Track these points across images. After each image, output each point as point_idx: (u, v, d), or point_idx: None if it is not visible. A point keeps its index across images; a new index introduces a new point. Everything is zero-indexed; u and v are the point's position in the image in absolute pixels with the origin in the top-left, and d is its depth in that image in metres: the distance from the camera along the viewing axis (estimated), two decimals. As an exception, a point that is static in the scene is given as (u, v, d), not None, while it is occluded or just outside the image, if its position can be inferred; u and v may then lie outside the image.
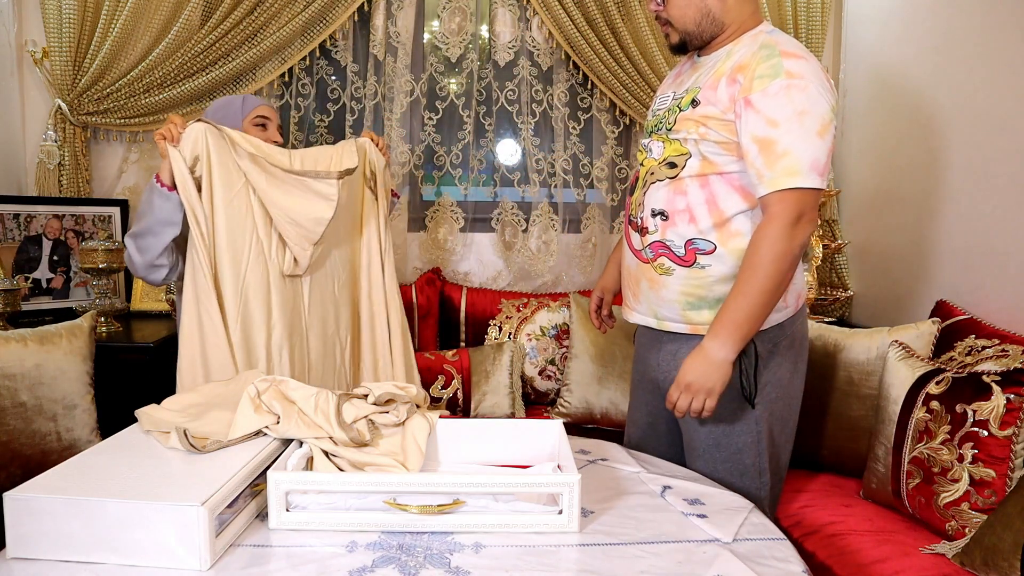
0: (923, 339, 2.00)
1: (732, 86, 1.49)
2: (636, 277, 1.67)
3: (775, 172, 1.43)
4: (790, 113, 1.42)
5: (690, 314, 1.59)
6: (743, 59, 1.51)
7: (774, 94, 1.43)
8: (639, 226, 1.63)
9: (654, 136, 1.65)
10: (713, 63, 1.59)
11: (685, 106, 1.57)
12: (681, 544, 1.15)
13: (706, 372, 1.48)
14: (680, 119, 1.57)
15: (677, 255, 1.58)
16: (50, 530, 1.03)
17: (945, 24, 2.34)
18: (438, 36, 2.84)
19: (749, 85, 1.46)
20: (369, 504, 1.17)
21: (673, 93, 1.66)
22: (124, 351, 2.31)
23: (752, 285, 1.45)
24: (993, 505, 1.53)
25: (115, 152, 2.82)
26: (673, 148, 1.58)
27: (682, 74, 1.70)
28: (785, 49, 1.48)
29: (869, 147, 2.77)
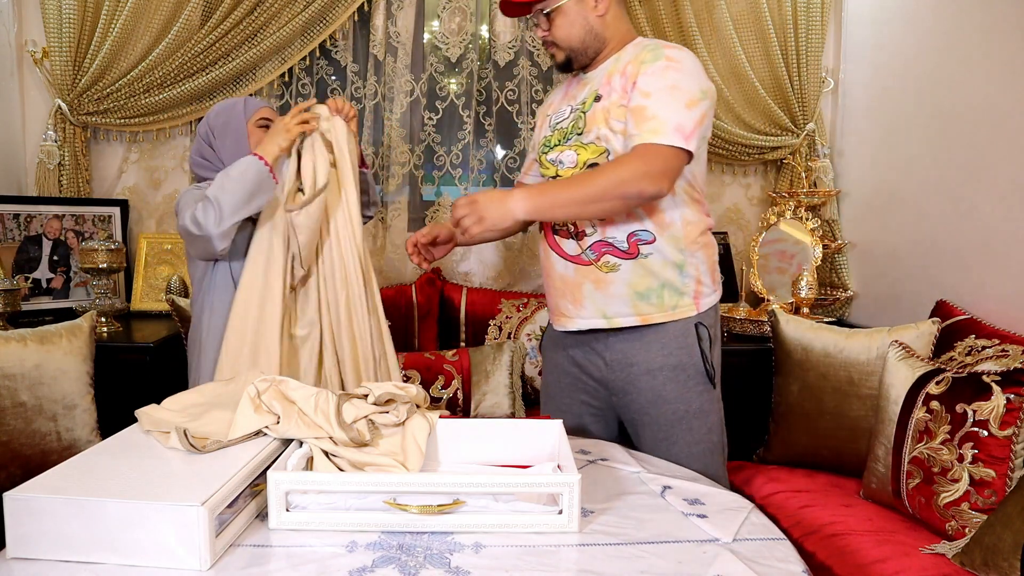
0: (923, 339, 2.00)
1: (623, 78, 1.64)
2: (574, 283, 1.71)
3: (641, 131, 1.56)
4: (662, 86, 1.58)
5: (640, 305, 1.68)
6: (631, 58, 1.67)
7: (651, 73, 1.59)
8: (572, 233, 1.70)
9: (560, 148, 1.73)
10: (602, 72, 1.71)
11: (588, 107, 1.69)
12: (681, 544, 1.15)
13: (494, 206, 1.57)
14: (588, 119, 1.68)
15: (621, 250, 1.66)
16: (50, 530, 1.03)
17: (945, 24, 2.34)
18: (438, 36, 2.84)
19: (636, 71, 1.62)
20: (369, 504, 1.17)
21: (570, 107, 1.76)
22: (124, 351, 2.31)
23: (581, 183, 1.57)
24: (993, 505, 1.53)
25: (115, 152, 2.82)
26: (590, 151, 1.67)
27: (571, 90, 1.80)
28: (666, 44, 1.67)
29: (869, 147, 2.77)
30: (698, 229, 1.71)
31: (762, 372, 2.34)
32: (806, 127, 2.90)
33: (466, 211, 1.57)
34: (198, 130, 1.87)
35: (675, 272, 1.68)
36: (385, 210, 2.89)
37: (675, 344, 1.69)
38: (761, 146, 2.92)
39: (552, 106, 1.84)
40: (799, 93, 2.87)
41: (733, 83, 2.87)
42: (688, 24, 2.77)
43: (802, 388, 2.12)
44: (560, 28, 1.69)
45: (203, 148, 1.84)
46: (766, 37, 2.81)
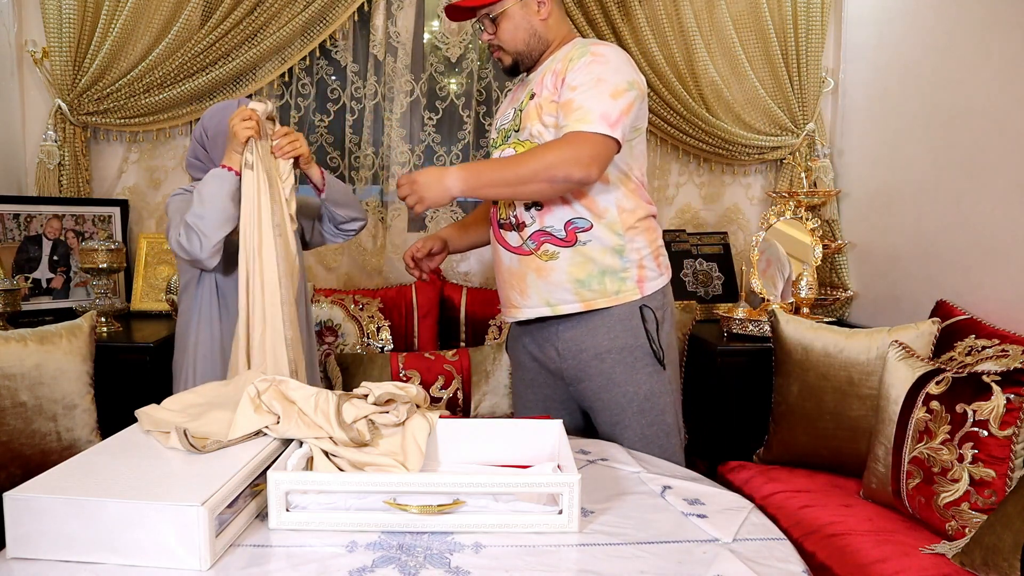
0: (923, 339, 2.00)
1: (554, 76, 1.71)
2: (519, 274, 1.77)
3: (569, 121, 1.62)
4: (588, 79, 1.64)
5: (582, 291, 1.73)
6: (562, 56, 1.74)
7: (578, 69, 1.66)
8: (514, 224, 1.76)
9: (502, 147, 1.80)
10: (539, 72, 1.78)
11: (524, 105, 1.76)
12: (681, 544, 1.15)
13: (432, 184, 1.62)
14: (523, 117, 1.75)
15: (559, 238, 1.72)
16: (50, 530, 1.03)
17: (945, 24, 2.34)
18: (438, 36, 2.84)
19: (564, 68, 1.69)
20: (369, 504, 1.17)
21: (513, 109, 1.82)
22: (124, 351, 2.31)
23: (512, 164, 1.63)
24: (993, 505, 1.53)
25: (115, 152, 2.82)
26: (524, 148, 1.73)
27: (516, 93, 1.88)
28: (595, 42, 1.74)
29: (869, 147, 2.77)
30: (635, 216, 1.75)
31: (762, 372, 2.34)
32: (806, 127, 2.90)
33: (407, 190, 1.63)
34: (193, 132, 1.87)
35: (615, 257, 1.73)
36: (385, 210, 2.89)
37: (620, 327, 1.74)
38: (761, 146, 2.92)
39: (501, 111, 1.92)
40: (799, 93, 2.87)
41: (733, 83, 2.87)
42: (688, 24, 2.77)
43: (802, 388, 2.12)
44: (505, 32, 1.76)
45: (197, 150, 1.84)
46: (766, 37, 2.81)
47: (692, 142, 2.91)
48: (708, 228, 3.08)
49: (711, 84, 2.84)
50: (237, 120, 1.66)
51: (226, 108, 1.83)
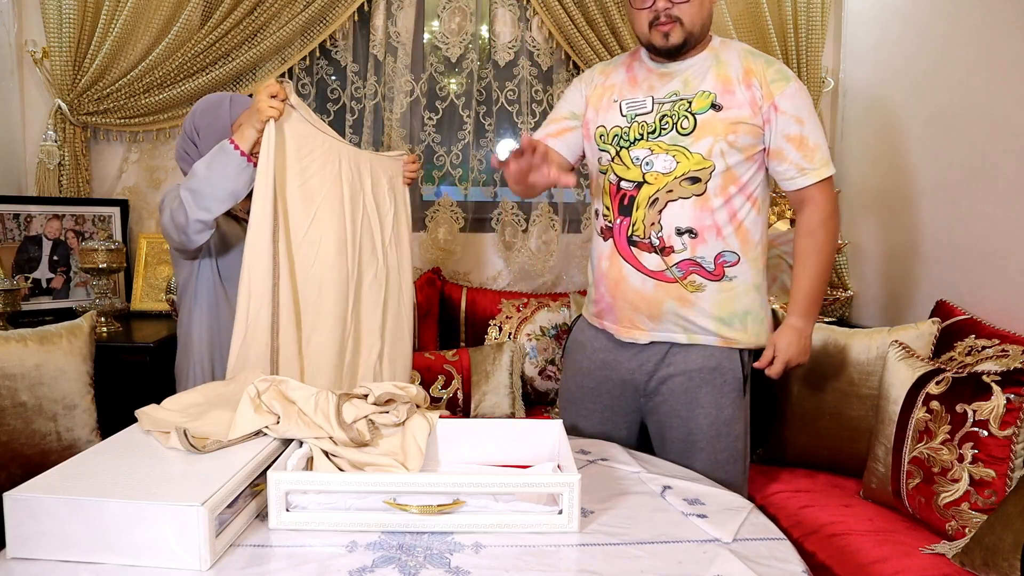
0: (923, 339, 2.00)
1: (749, 91, 1.59)
2: (654, 299, 1.65)
3: (815, 163, 1.60)
4: (809, 112, 1.61)
5: (723, 329, 1.66)
6: (743, 65, 1.62)
7: (793, 95, 1.59)
8: (657, 246, 1.62)
9: (646, 146, 1.62)
10: (699, 67, 1.63)
11: (701, 109, 1.59)
12: (681, 544, 1.15)
13: (804, 348, 1.67)
14: (702, 124, 1.58)
15: (708, 270, 1.63)
16: (50, 530, 1.03)
17: (945, 24, 2.34)
18: (438, 36, 2.84)
19: (769, 90, 1.59)
20: (369, 504, 1.17)
21: (651, 98, 1.65)
22: (124, 351, 2.31)
23: (818, 264, 1.65)
24: (993, 505, 1.53)
25: (115, 152, 2.82)
26: (694, 161, 1.59)
27: (645, 78, 1.68)
28: (774, 60, 1.66)
29: (869, 147, 2.77)
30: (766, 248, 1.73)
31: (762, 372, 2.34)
32: (806, 127, 2.90)
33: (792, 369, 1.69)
34: (183, 124, 1.82)
35: (756, 296, 1.68)
36: (385, 210, 2.89)
37: (721, 352, 1.68)
38: (761, 146, 2.91)
39: (616, 89, 1.71)
40: (799, 93, 2.87)
41: (733, 83, 2.87)
42: (688, 24, 2.77)
43: (802, 388, 2.12)
44: (694, 3, 1.58)
45: (187, 144, 1.81)
46: (766, 37, 2.81)
47: (692, 142, 2.91)
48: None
49: (711, 84, 2.83)
50: (265, 96, 1.59)
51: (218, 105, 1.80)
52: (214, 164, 1.60)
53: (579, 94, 1.79)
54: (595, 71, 1.80)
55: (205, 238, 1.65)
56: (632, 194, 1.63)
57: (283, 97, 1.62)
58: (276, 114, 1.60)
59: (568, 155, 1.79)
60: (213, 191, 1.59)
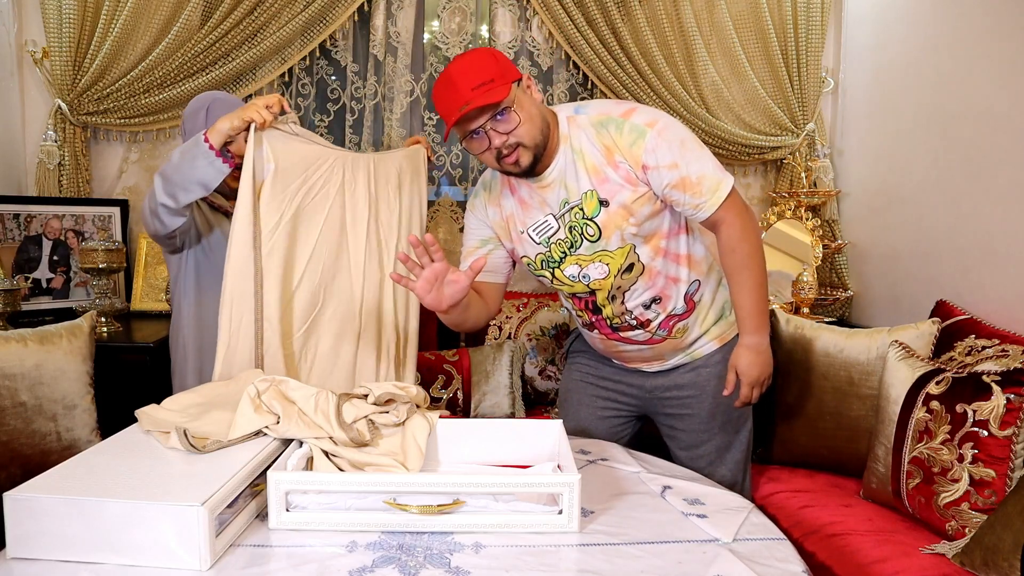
0: (923, 339, 2.00)
1: (618, 170, 1.56)
2: (655, 352, 1.75)
3: (704, 195, 1.57)
4: (676, 146, 1.54)
5: (713, 330, 1.75)
6: (599, 145, 1.56)
7: (654, 147, 1.53)
8: (636, 324, 1.70)
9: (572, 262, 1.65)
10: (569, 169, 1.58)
11: (594, 212, 1.58)
12: (681, 544, 1.15)
13: (764, 362, 1.65)
14: (603, 225, 1.59)
15: (683, 313, 1.71)
16: (50, 530, 1.03)
17: (945, 24, 2.34)
18: (438, 36, 2.84)
19: (633, 156, 1.55)
20: (369, 504, 1.17)
21: (552, 215, 1.62)
22: (124, 351, 2.31)
23: (755, 277, 1.63)
24: (993, 505, 1.53)
25: (115, 152, 2.82)
26: (618, 256, 1.63)
27: (531, 199, 1.63)
28: (615, 113, 1.57)
29: (869, 147, 2.77)
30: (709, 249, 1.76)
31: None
32: (806, 127, 2.90)
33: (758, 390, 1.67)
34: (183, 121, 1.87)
35: (723, 290, 1.76)
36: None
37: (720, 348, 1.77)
38: (761, 146, 2.92)
39: (515, 218, 1.67)
40: (799, 93, 2.87)
41: (733, 83, 2.87)
42: (688, 24, 2.77)
43: (802, 388, 2.12)
44: (524, 122, 1.51)
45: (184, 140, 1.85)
46: (766, 37, 2.81)
47: (692, 142, 2.91)
48: (708, 228, 3.08)
49: (711, 84, 2.83)
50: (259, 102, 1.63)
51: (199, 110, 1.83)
52: (185, 153, 1.63)
53: (482, 224, 1.75)
54: (482, 203, 1.74)
55: (176, 223, 1.67)
56: (591, 300, 1.71)
57: (277, 110, 1.65)
58: (260, 119, 1.62)
59: (501, 279, 1.76)
60: (180, 179, 1.62)
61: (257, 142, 1.64)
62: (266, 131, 1.66)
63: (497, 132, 1.51)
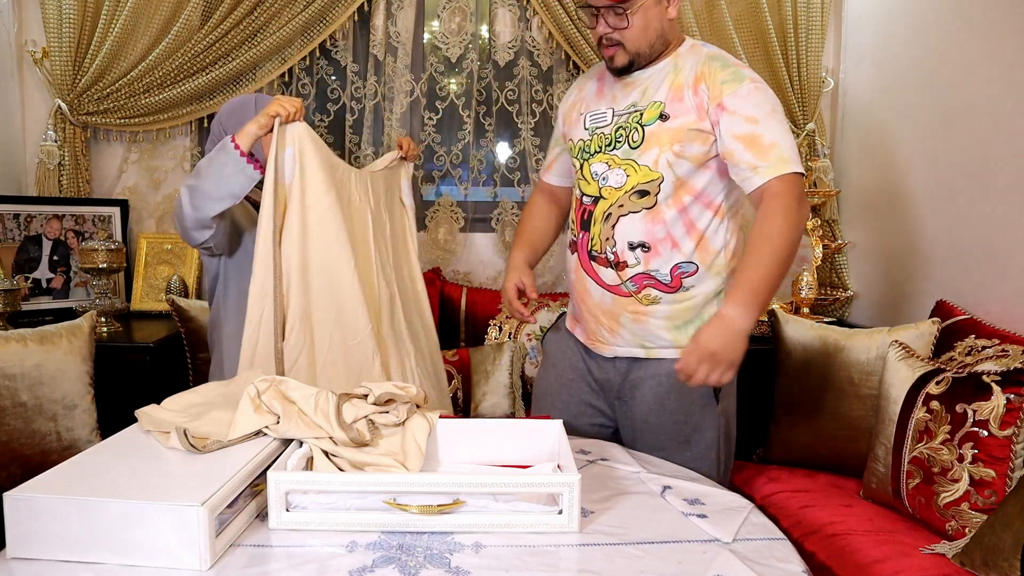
0: (923, 339, 2.00)
1: (697, 96, 1.55)
2: (611, 312, 1.64)
3: (770, 161, 1.50)
4: (768, 110, 1.53)
5: (680, 338, 1.62)
6: (697, 71, 1.58)
7: (745, 95, 1.53)
8: (612, 261, 1.61)
9: (602, 159, 1.62)
10: (657, 77, 1.61)
11: (650, 121, 1.57)
12: (681, 544, 1.15)
13: (731, 342, 1.45)
14: (649, 136, 1.56)
15: (664, 283, 1.60)
16: (50, 530, 1.03)
17: (945, 24, 2.34)
18: (438, 36, 2.84)
19: (718, 91, 1.53)
20: (369, 504, 1.17)
21: (611, 109, 1.63)
22: (124, 351, 2.31)
23: (768, 254, 1.47)
24: (993, 505, 1.53)
25: (115, 152, 2.82)
26: (642, 174, 1.57)
27: (610, 89, 1.67)
28: (733, 60, 1.61)
29: (869, 147, 2.77)
30: (736, 254, 1.65)
31: (762, 372, 2.34)
32: (806, 127, 2.90)
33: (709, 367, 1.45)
34: (211, 127, 1.85)
35: (715, 305, 1.62)
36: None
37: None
38: (761, 146, 2.91)
39: (584, 102, 1.72)
40: (799, 93, 2.87)
41: (733, 83, 2.87)
42: (688, 24, 2.77)
43: (802, 388, 2.12)
44: (635, 29, 1.55)
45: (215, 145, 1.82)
46: (766, 37, 2.81)
47: (692, 142, 2.91)
48: (708, 228, 3.08)
49: (711, 84, 2.83)
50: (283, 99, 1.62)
51: (243, 105, 1.82)
52: (213, 161, 1.60)
53: (559, 116, 1.84)
54: (577, 83, 1.83)
55: (204, 236, 1.65)
56: (590, 209, 1.64)
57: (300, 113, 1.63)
58: (284, 113, 1.60)
59: (563, 182, 1.85)
60: (209, 189, 1.59)
61: (281, 137, 1.61)
62: (290, 125, 1.63)
63: (606, 22, 1.56)
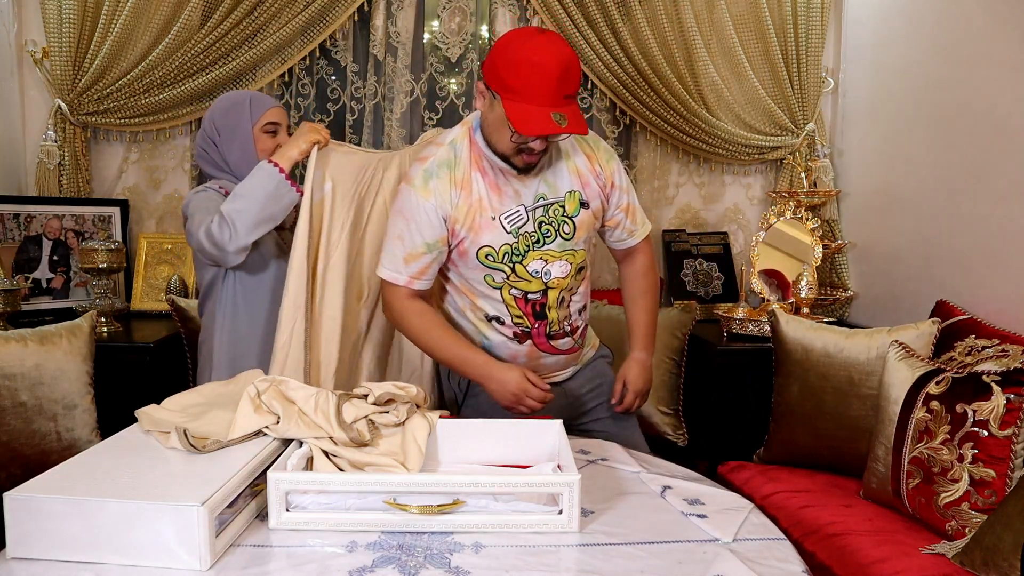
0: (923, 339, 2.00)
1: (599, 180, 1.72)
2: (563, 364, 1.83)
3: (639, 224, 1.82)
4: (628, 181, 1.80)
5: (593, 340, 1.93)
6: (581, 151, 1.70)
7: (619, 169, 1.77)
8: (568, 331, 1.77)
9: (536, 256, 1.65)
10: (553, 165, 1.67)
11: (575, 212, 1.69)
12: (681, 544, 1.15)
13: (648, 378, 1.85)
14: (579, 225, 1.69)
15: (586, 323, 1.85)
16: (50, 530, 1.03)
17: (945, 24, 2.34)
18: (438, 36, 2.84)
19: (609, 171, 1.73)
20: (369, 504, 1.17)
21: (523, 207, 1.63)
22: (124, 351, 2.31)
23: (654, 301, 1.89)
24: (993, 505, 1.53)
25: (115, 152, 2.82)
26: (579, 257, 1.72)
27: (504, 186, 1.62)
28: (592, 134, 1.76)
29: (869, 147, 2.77)
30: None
31: (762, 372, 2.34)
32: (806, 127, 2.90)
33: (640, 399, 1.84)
34: (203, 123, 1.84)
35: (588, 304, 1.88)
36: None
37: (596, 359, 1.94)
38: (761, 146, 2.92)
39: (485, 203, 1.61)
40: (799, 93, 2.87)
41: (733, 83, 2.87)
42: (688, 24, 2.77)
43: (802, 388, 2.12)
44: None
45: (208, 145, 1.82)
46: (766, 37, 2.81)
47: (692, 142, 2.91)
48: (708, 228, 3.08)
49: (711, 84, 2.84)
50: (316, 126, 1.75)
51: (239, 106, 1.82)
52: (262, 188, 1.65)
53: (435, 219, 1.61)
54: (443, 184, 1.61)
55: (242, 259, 1.69)
56: (541, 301, 1.70)
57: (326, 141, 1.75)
58: (323, 139, 1.74)
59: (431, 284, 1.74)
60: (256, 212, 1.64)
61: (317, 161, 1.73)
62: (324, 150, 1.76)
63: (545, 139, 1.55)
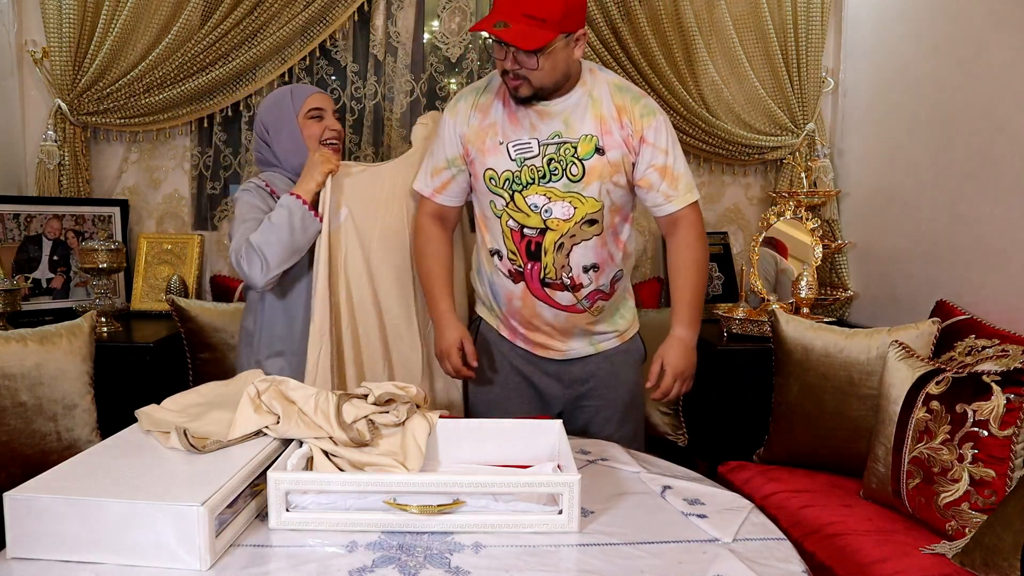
0: (923, 339, 2.00)
1: (623, 130, 1.67)
2: (565, 327, 1.78)
3: (680, 191, 1.71)
4: (673, 142, 1.70)
5: (618, 328, 1.85)
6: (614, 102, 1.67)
7: (658, 128, 1.67)
8: (568, 284, 1.72)
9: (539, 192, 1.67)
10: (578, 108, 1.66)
11: (587, 155, 1.65)
12: (681, 544, 1.15)
13: (691, 358, 1.74)
14: (590, 170, 1.65)
15: (606, 293, 1.78)
16: (50, 530, 1.03)
17: (945, 24, 2.34)
18: (438, 36, 2.84)
19: (639, 125, 1.66)
20: (369, 504, 1.17)
21: (536, 140, 1.66)
22: (124, 351, 2.31)
23: (700, 280, 1.75)
24: (993, 505, 1.53)
25: (115, 152, 2.82)
26: (588, 205, 1.67)
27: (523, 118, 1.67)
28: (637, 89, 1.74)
29: (869, 147, 2.77)
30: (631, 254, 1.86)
31: (762, 372, 2.34)
32: (806, 127, 2.90)
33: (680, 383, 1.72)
34: (254, 126, 1.90)
35: (629, 291, 1.90)
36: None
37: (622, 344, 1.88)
38: (761, 146, 2.92)
39: (498, 128, 1.68)
40: (799, 93, 2.87)
41: (733, 83, 2.87)
42: (688, 24, 2.77)
43: (802, 388, 2.12)
44: (544, 69, 1.58)
45: (260, 145, 1.87)
46: (766, 37, 2.81)
47: (692, 142, 2.90)
48: (708, 228, 3.07)
49: (711, 84, 2.83)
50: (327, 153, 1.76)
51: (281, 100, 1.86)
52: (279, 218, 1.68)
53: (453, 136, 1.74)
54: (466, 105, 1.73)
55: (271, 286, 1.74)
56: (538, 240, 1.69)
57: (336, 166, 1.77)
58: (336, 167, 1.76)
59: (458, 202, 1.84)
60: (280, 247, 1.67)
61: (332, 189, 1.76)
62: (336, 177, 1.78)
63: (515, 59, 1.57)
